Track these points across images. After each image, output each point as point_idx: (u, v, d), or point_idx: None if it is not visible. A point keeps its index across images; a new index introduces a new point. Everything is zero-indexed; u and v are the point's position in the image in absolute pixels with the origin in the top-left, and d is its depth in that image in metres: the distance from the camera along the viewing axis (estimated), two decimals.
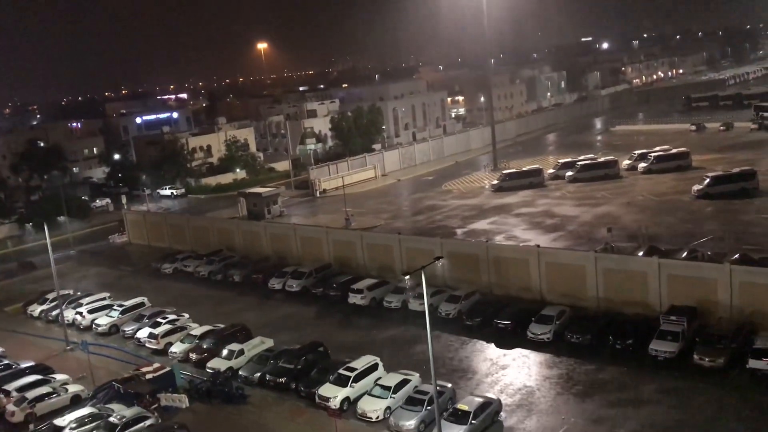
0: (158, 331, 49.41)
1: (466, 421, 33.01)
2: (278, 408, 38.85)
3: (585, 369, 39.13)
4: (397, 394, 36.70)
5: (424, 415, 34.43)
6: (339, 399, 37.28)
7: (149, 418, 37.25)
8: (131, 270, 72.75)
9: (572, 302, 46.88)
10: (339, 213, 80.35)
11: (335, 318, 52.07)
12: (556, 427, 33.59)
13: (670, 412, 33.50)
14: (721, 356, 36.72)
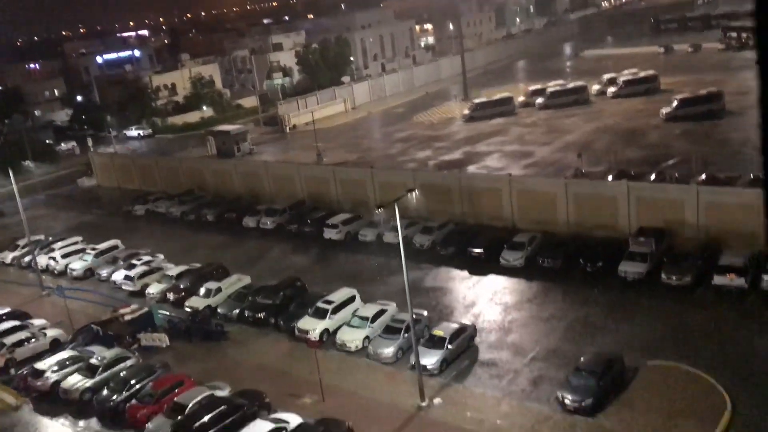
0: (134, 273, 49.39)
1: (442, 347, 33.92)
2: (259, 342, 39.47)
3: (556, 292, 40.17)
4: (374, 324, 37.45)
5: (401, 343, 35.27)
6: (318, 331, 37.95)
7: (130, 359, 37.66)
8: (102, 213, 72.02)
9: (543, 228, 47.66)
10: (310, 149, 79.77)
11: (311, 253, 52.43)
12: (529, 349, 34.68)
13: (638, 329, 34.72)
14: (688, 275, 37.88)
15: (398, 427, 29.79)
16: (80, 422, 34.18)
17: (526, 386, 31.58)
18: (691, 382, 29.71)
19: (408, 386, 32.33)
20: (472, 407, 30.61)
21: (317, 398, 32.52)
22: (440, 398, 31.56)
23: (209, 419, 30.13)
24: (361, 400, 32.11)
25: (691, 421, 27.20)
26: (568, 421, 28.58)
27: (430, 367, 33.04)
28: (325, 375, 32.96)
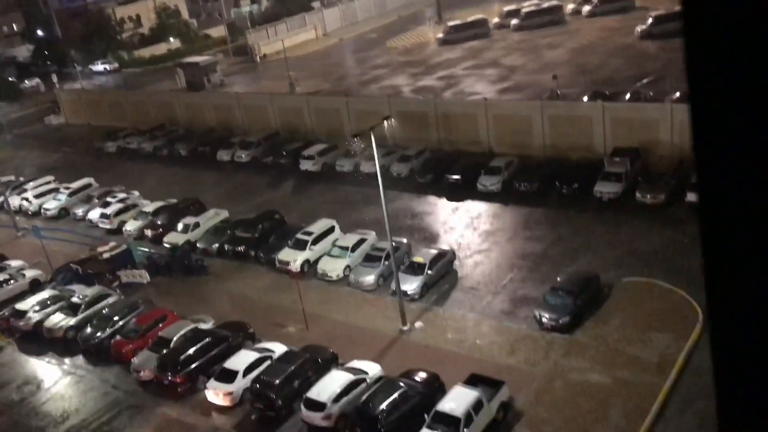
0: (110, 211, 48.91)
1: (422, 273, 34.37)
2: (240, 275, 39.68)
3: (533, 215, 40.61)
4: (355, 253, 37.72)
5: (382, 270, 35.66)
6: (299, 262, 38.18)
7: (112, 296, 37.74)
8: (73, 151, 70.62)
9: (520, 152, 47.68)
10: (282, 78, 78.18)
11: (288, 185, 52.16)
12: (507, 271, 35.28)
13: (614, 248, 35.37)
14: (662, 193, 38.40)
15: (381, 350, 30.45)
16: (66, 360, 34.48)
17: (505, 307, 32.28)
18: (665, 297, 30.55)
19: (389, 312, 32.88)
20: (452, 329, 31.31)
21: (301, 327, 33.01)
22: (421, 322, 32.20)
23: (194, 351, 30.55)
24: (344, 327, 32.67)
25: (665, 334, 28.11)
26: (545, 338, 29.39)
27: (410, 293, 33.55)
28: (307, 304, 33.36)
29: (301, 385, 27.69)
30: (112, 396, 30.93)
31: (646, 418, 24.02)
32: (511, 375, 26.99)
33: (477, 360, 28.61)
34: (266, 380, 27.74)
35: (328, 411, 25.91)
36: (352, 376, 27.29)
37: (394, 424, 24.72)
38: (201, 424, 28.15)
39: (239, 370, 28.94)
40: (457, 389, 25.16)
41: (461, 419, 23.62)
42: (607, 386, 25.97)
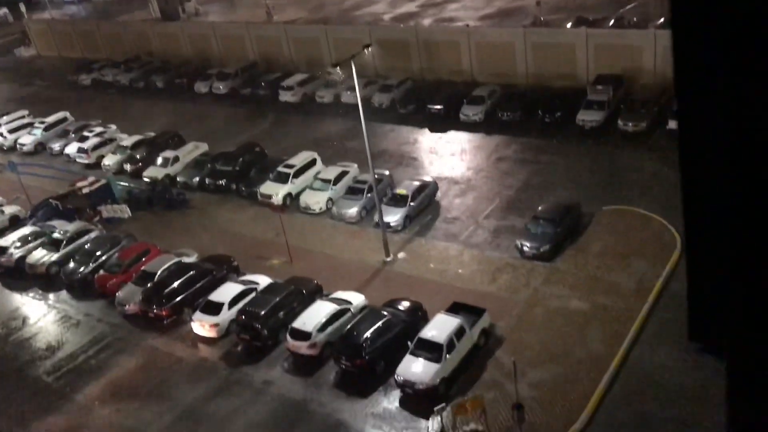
0: (87, 145, 48.14)
1: (404, 204, 34.44)
2: (221, 208, 39.55)
3: (516, 145, 40.53)
4: (337, 186, 37.62)
5: (364, 203, 35.68)
6: (281, 195, 38.04)
7: (93, 231, 37.55)
8: (46, 84, 68.83)
9: (503, 81, 47.19)
10: (259, 6, 76.01)
11: (267, 117, 51.43)
12: (489, 201, 35.44)
13: (595, 176, 35.55)
14: (644, 121, 38.37)
15: (365, 281, 30.78)
16: (50, 295, 34.54)
17: (487, 237, 32.57)
18: (645, 224, 30.95)
19: (373, 243, 33.08)
20: (435, 259, 31.63)
21: (285, 260, 33.18)
22: (404, 253, 32.47)
23: (179, 285, 30.69)
24: (327, 259, 32.88)
25: (643, 261, 28.61)
26: (526, 266, 29.82)
27: (393, 224, 33.69)
28: (290, 237, 33.44)
29: (286, 315, 28.03)
30: (98, 329, 31.18)
31: (623, 342, 24.70)
32: (493, 302, 27.48)
33: (459, 289, 29.05)
34: (252, 311, 28.04)
35: (313, 340, 26.35)
36: (337, 307, 27.66)
37: (378, 352, 25.24)
38: (188, 356, 28.57)
39: (224, 302, 29.19)
40: (440, 317, 25.62)
41: (443, 345, 24.14)
42: (585, 312, 26.56)
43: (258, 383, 26.39)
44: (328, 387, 25.62)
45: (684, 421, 21.31)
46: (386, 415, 23.90)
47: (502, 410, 22.61)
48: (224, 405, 25.57)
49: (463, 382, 24.37)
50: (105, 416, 26.05)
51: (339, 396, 25.10)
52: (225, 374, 27.20)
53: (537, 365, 24.36)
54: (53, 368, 29.20)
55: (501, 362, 24.70)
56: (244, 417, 24.86)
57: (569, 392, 23.06)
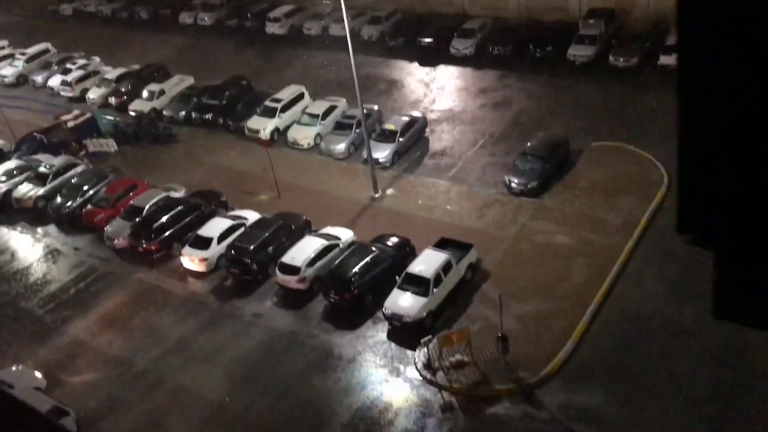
0: (71, 78, 47.20)
1: (393, 140, 34.27)
2: (209, 143, 39.23)
3: (506, 79, 40.12)
4: (325, 121, 37.29)
5: (353, 138, 35.47)
6: (269, 130, 37.72)
7: (80, 165, 37.24)
8: (25, 14, 66.80)
9: (494, 14, 46.30)
10: None
11: (254, 50, 50.45)
12: (478, 137, 35.34)
13: (585, 112, 35.39)
14: (635, 56, 37.98)
15: (353, 217, 30.92)
16: (38, 229, 34.50)
17: (475, 173, 32.61)
18: (633, 160, 31.05)
19: (361, 180, 33.06)
20: (423, 195, 31.73)
21: (273, 195, 33.17)
22: (393, 189, 32.52)
23: (167, 219, 30.70)
24: (316, 195, 32.90)
25: (631, 197, 28.84)
26: (514, 203, 30.01)
27: (382, 160, 33.61)
28: (278, 173, 33.33)
29: (275, 250, 28.23)
30: (88, 263, 31.32)
31: (608, 277, 25.15)
32: (480, 238, 27.74)
33: (447, 224, 29.26)
34: (241, 246, 28.20)
35: (302, 275, 26.63)
36: (325, 242, 27.84)
37: (366, 286, 25.59)
38: (178, 290, 28.85)
39: (213, 236, 29.30)
40: (427, 252, 25.89)
41: (430, 280, 24.49)
42: (571, 247, 26.91)
43: (248, 316, 26.80)
44: (317, 320, 26.06)
45: (666, 353, 21.94)
46: (374, 347, 24.43)
47: (487, 342, 23.15)
48: (215, 337, 26.01)
49: (449, 316, 24.85)
50: (96, 348, 26.45)
51: (328, 328, 25.56)
52: (215, 307, 27.56)
53: (522, 299, 24.83)
54: (44, 301, 29.44)
55: (487, 296, 25.13)
56: (236, 348, 25.33)
57: (553, 325, 23.60)
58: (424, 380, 22.72)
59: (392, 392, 22.62)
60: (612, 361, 22.13)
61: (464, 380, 22.34)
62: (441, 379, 22.55)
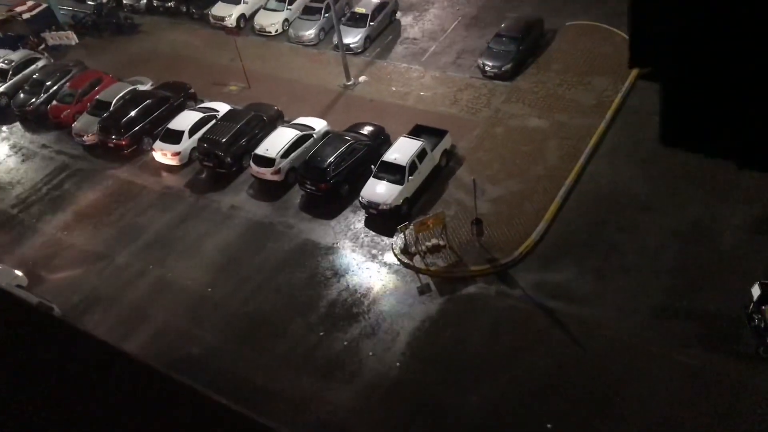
0: None
1: (364, 24, 33.32)
2: (173, 33, 37.85)
3: None
4: (293, 5, 35.99)
5: (322, 23, 34.42)
6: (234, 17, 36.39)
7: (41, 59, 35.89)
8: None
9: None
10: None
11: None
12: (451, 20, 34.44)
13: None
14: None
15: (326, 106, 30.52)
16: (3, 127, 33.67)
17: (449, 57, 32.05)
18: (608, 40, 30.65)
19: (332, 67, 32.38)
20: (397, 82, 31.27)
21: (243, 85, 32.46)
22: (365, 76, 31.95)
23: (136, 113, 30.06)
24: (286, 84, 32.25)
25: (604, 78, 28.69)
26: (488, 86, 29.74)
27: (353, 46, 32.80)
28: (247, 62, 32.47)
29: (249, 142, 27.96)
30: (59, 161, 30.86)
31: (580, 157, 25.43)
32: (454, 123, 27.67)
33: (421, 111, 29.04)
34: (213, 138, 27.86)
35: (277, 166, 26.55)
36: (299, 132, 27.59)
37: (342, 176, 25.65)
38: (152, 185, 28.71)
39: (184, 129, 28.86)
40: (402, 140, 25.83)
41: (406, 167, 24.58)
42: (545, 130, 27.00)
43: (225, 208, 26.90)
44: (295, 210, 26.26)
45: (635, 229, 22.61)
46: (351, 235, 24.83)
47: (462, 226, 23.62)
48: (193, 229, 26.20)
49: (425, 202, 25.17)
50: (75, 245, 26.56)
51: (305, 218, 25.82)
52: (191, 200, 27.58)
53: (496, 182, 25.14)
54: (18, 200, 29.19)
55: (462, 181, 25.39)
56: (214, 240, 25.59)
57: (527, 206, 24.06)
58: (402, 265, 23.31)
59: (371, 277, 23.23)
60: (583, 239, 22.79)
61: (440, 263, 22.95)
62: (418, 262, 23.13)
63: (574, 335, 20.08)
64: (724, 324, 19.42)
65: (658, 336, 19.55)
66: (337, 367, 20.58)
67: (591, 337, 19.95)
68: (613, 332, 19.91)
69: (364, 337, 21.32)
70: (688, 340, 19.28)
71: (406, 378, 19.92)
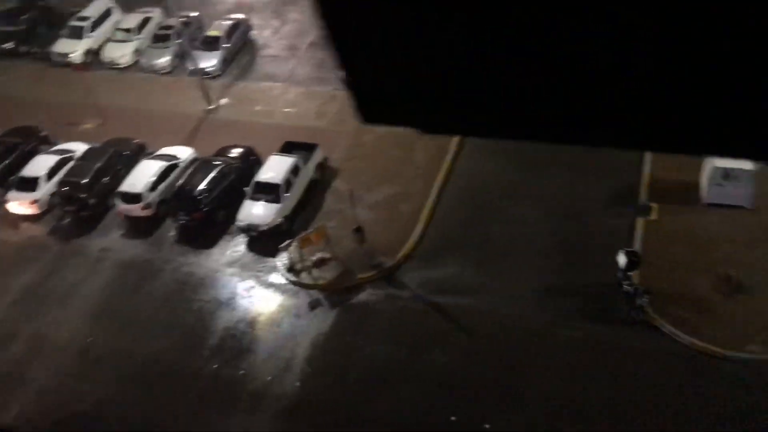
0: None
1: (218, 47, 32.79)
2: (15, 75, 35.52)
3: None
4: (141, 34, 34.81)
5: (175, 49, 33.51)
6: (80, 52, 34.70)
7: None
8: None
9: None
10: None
11: None
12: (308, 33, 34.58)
13: None
14: None
15: (190, 133, 29.72)
16: None
17: (309, 71, 32.14)
18: None
19: (191, 92, 31.54)
20: (260, 101, 30.98)
21: (98, 122, 30.97)
22: (227, 98, 31.43)
23: None
24: (145, 116, 31.09)
25: None
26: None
27: (210, 70, 32.18)
28: (100, 97, 31.06)
29: (112, 179, 26.72)
30: None
31: (447, 155, 26.28)
32: (324, 136, 27.76)
33: (289, 128, 28.91)
34: (73, 181, 26.40)
35: (145, 201, 25.55)
36: (165, 163, 26.71)
37: (216, 202, 25.06)
38: (12, 238, 26.78)
39: (40, 175, 27.16)
40: (274, 158, 25.62)
41: (280, 185, 24.40)
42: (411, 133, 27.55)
43: (95, 252, 25.53)
44: (171, 244, 25.37)
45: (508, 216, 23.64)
46: (234, 260, 24.31)
47: (345, 235, 23.72)
48: (63, 279, 24.67)
49: (305, 217, 25.08)
50: None
51: (184, 251, 25.00)
52: (57, 249, 25.96)
53: (372, 188, 25.47)
54: None
55: (339, 192, 25.52)
56: (88, 285, 24.22)
57: (404, 208, 24.55)
58: (290, 283, 23.09)
59: (261, 300, 22.84)
60: (461, 233, 23.54)
61: (328, 276, 22.94)
62: (306, 279, 23.01)
63: (467, 326, 20.69)
64: (600, 294, 20.70)
65: (544, 315, 20.53)
66: (238, 397, 20.06)
67: (483, 325, 20.64)
68: (502, 318, 20.69)
69: (261, 362, 20.92)
70: (571, 315, 20.38)
71: (309, 396, 19.74)
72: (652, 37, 1.35)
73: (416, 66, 1.61)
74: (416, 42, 1.54)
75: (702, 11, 1.28)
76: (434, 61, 1.57)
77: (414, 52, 1.57)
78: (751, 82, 1.36)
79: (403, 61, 1.62)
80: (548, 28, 1.39)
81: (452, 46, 1.51)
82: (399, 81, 1.68)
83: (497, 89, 1.58)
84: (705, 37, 1.32)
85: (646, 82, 1.43)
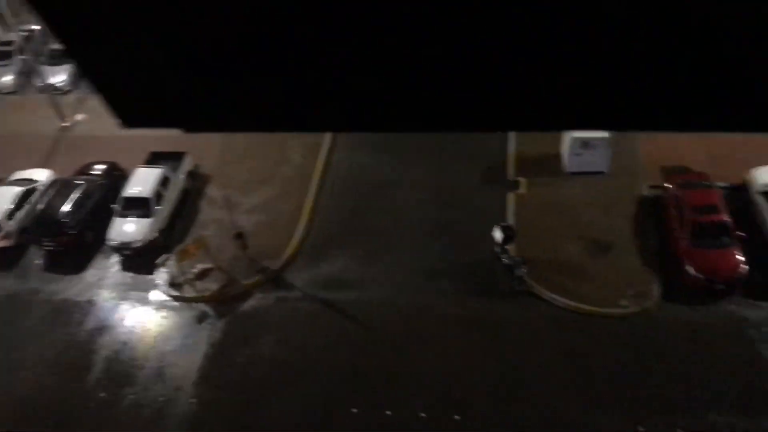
0: None
1: (67, 60, 30.92)
2: None
3: None
4: None
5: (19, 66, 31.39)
6: None
7: None
8: None
9: None
10: None
11: None
12: None
13: None
14: None
15: (46, 154, 27.89)
16: None
17: None
18: None
19: (42, 110, 29.61)
20: None
21: None
22: (82, 113, 29.75)
23: None
24: None
25: None
26: None
27: (60, 85, 30.34)
28: None
29: None
30: None
31: (322, 151, 26.26)
32: (191, 143, 26.81)
33: (153, 138, 27.54)
34: None
35: (4, 231, 23.74)
36: (21, 188, 24.92)
37: (82, 223, 23.69)
38: None
39: None
40: (140, 171, 24.55)
41: (151, 199, 23.43)
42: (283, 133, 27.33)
43: None
44: (37, 273, 23.73)
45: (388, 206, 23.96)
46: (110, 282, 23.11)
47: (226, 243, 23.15)
48: None
49: (181, 228, 24.25)
50: None
51: (53, 278, 23.46)
52: None
53: (249, 191, 25.01)
54: None
55: (214, 199, 24.86)
56: None
57: (284, 208, 24.30)
58: (173, 299, 22.26)
59: (144, 321, 21.86)
60: (344, 227, 23.62)
61: (213, 286, 22.31)
62: (189, 292, 22.26)
63: (360, 319, 20.81)
64: (482, 270, 21.46)
65: (433, 298, 21.03)
66: (133, 424, 19.13)
67: (376, 316, 20.84)
68: (390, 306, 20.98)
69: (152, 384, 20.05)
70: (459, 295, 21.00)
71: (207, 412, 19.15)
72: (480, 20, 1.29)
73: (169, 60, 1.44)
74: (159, 31, 1.37)
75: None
76: (188, 51, 1.42)
77: (159, 42, 1.40)
78: (595, 59, 1.36)
79: (148, 55, 1.43)
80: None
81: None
82: (151, 79, 1.50)
83: (263, 79, 1.47)
84: (535, 18, 1.27)
85: (473, 62, 1.37)
